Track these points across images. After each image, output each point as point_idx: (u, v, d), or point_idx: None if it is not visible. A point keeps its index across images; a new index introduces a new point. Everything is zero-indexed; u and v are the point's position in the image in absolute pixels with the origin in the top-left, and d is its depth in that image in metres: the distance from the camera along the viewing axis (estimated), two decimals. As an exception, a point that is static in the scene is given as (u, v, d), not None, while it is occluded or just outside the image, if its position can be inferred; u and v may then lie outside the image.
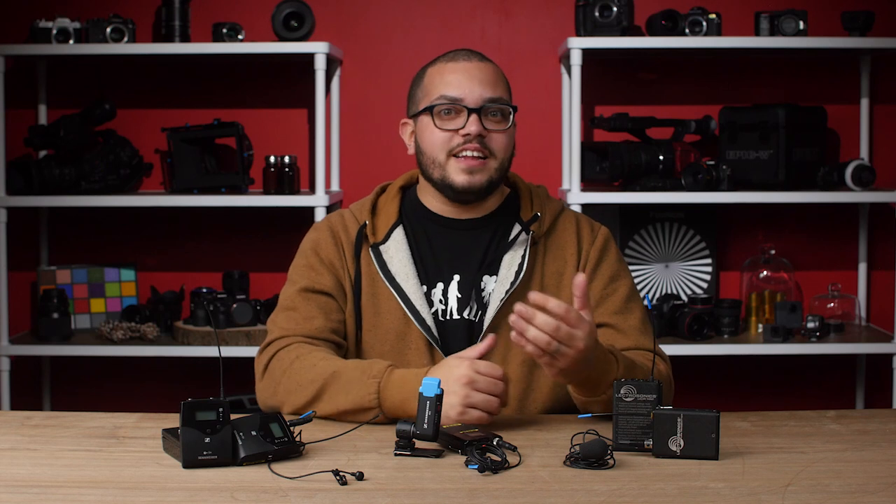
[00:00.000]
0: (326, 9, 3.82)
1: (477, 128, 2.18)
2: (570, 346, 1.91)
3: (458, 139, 2.19)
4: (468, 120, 2.18)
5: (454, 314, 2.23)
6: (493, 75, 2.23)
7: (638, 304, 2.26)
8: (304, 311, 2.21)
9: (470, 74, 2.21)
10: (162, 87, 3.88)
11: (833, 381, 3.89)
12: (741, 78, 3.86)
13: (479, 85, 2.20)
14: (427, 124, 2.22)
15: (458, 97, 2.19)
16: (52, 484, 1.73)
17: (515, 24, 3.86)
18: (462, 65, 2.22)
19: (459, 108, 2.19)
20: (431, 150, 2.21)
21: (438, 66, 2.25)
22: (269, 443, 1.81)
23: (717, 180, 3.54)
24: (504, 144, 2.22)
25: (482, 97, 2.20)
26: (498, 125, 2.21)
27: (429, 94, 2.23)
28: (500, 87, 2.23)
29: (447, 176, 2.21)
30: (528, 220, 2.25)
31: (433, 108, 2.20)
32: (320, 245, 2.27)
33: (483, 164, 2.20)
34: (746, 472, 1.77)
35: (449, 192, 2.23)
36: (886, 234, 3.81)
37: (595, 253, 2.27)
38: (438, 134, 2.20)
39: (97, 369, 3.86)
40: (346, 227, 2.28)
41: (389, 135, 3.77)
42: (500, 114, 2.22)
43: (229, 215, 3.83)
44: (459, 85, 2.20)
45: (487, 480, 1.74)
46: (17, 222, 3.70)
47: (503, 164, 2.23)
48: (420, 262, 2.25)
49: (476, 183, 2.20)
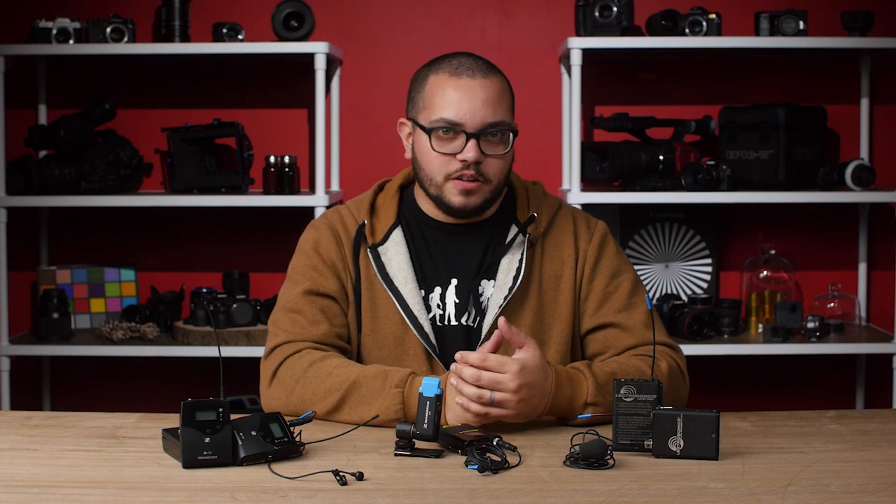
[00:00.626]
0: (326, 9, 3.82)
1: (474, 154, 2.13)
2: (502, 391, 1.95)
3: (455, 164, 2.15)
4: (466, 145, 2.14)
5: (452, 320, 2.22)
6: (497, 93, 2.16)
7: (642, 298, 2.24)
8: (310, 315, 2.19)
9: (472, 95, 2.14)
10: (162, 87, 3.87)
11: (833, 381, 3.89)
12: (741, 78, 3.86)
13: (481, 107, 2.14)
14: (425, 141, 2.17)
15: (458, 122, 2.14)
16: (52, 484, 1.73)
17: (515, 24, 3.86)
18: (465, 82, 2.15)
19: (458, 132, 2.15)
20: (429, 169, 2.18)
21: (441, 76, 2.17)
22: (269, 443, 1.81)
23: (717, 180, 3.54)
24: (500, 168, 2.18)
25: (483, 122, 2.14)
26: (496, 149, 2.16)
27: (428, 107, 2.17)
28: (501, 107, 2.16)
29: (444, 196, 2.18)
30: (524, 222, 2.24)
31: (431, 130, 2.16)
32: (321, 245, 2.24)
33: (478, 186, 2.17)
34: (746, 472, 1.77)
35: (444, 208, 2.21)
36: (886, 234, 3.81)
37: (593, 251, 2.25)
38: (435, 156, 2.16)
39: (97, 369, 3.85)
40: (346, 225, 2.26)
41: (389, 135, 3.76)
42: (500, 136, 2.17)
43: (229, 215, 3.83)
44: (460, 106, 2.14)
45: (487, 480, 1.74)
46: (17, 222, 3.70)
47: (499, 185, 2.20)
48: (418, 265, 2.23)
49: (471, 204, 2.18)
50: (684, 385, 2.20)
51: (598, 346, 2.23)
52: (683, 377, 2.20)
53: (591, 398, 2.03)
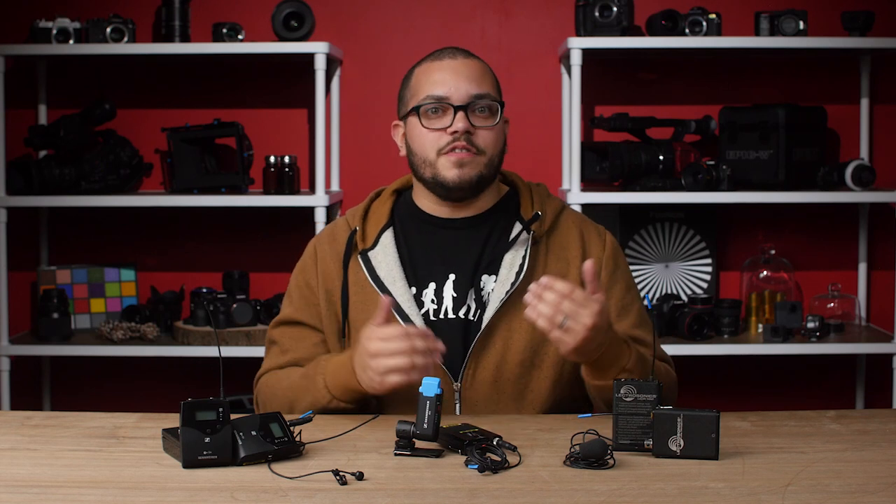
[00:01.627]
0: (326, 9, 3.82)
1: (464, 124, 2.18)
2: (576, 322, 1.98)
3: (446, 138, 2.20)
4: (455, 118, 2.19)
5: (449, 314, 2.23)
6: (479, 71, 2.24)
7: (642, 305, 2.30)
8: (283, 345, 2.30)
9: (455, 72, 2.21)
10: (162, 87, 3.88)
11: (833, 381, 3.89)
12: (741, 78, 3.86)
13: (465, 81, 2.20)
14: (415, 125, 2.23)
15: (444, 95, 2.20)
16: (52, 484, 1.73)
17: (515, 24, 3.86)
18: (447, 63, 2.23)
19: (446, 107, 2.20)
20: (421, 150, 2.22)
21: (424, 66, 2.26)
22: (269, 443, 1.81)
23: (717, 180, 3.54)
24: (492, 140, 2.22)
25: (468, 94, 2.20)
26: (485, 121, 2.21)
27: (416, 94, 2.24)
28: (486, 82, 2.23)
29: (438, 173, 2.21)
30: (529, 219, 2.26)
31: (420, 108, 2.22)
32: (307, 268, 2.31)
33: (471, 157, 2.20)
34: (746, 472, 1.77)
35: (441, 191, 2.23)
36: (886, 234, 3.81)
37: (609, 262, 2.28)
38: (427, 133, 2.21)
39: (97, 369, 3.85)
40: (336, 236, 2.31)
41: (389, 135, 3.74)
42: (488, 110, 2.22)
43: (229, 215, 3.83)
44: (444, 83, 2.21)
45: (487, 480, 1.74)
46: (17, 222, 3.70)
47: (493, 159, 2.23)
48: (409, 263, 2.26)
49: (466, 177, 2.20)
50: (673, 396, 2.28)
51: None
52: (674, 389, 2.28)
53: (631, 365, 2.10)
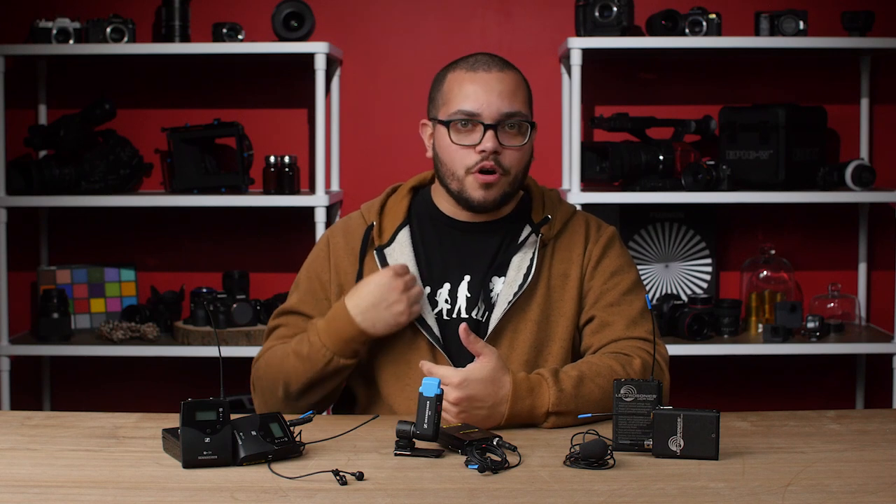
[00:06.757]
0: (326, 9, 3.82)
1: (492, 144, 2.18)
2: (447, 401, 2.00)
3: (474, 156, 2.19)
4: (484, 136, 2.18)
5: (462, 313, 2.24)
6: (513, 86, 2.22)
7: (639, 298, 2.26)
8: (281, 332, 2.30)
9: (489, 87, 2.19)
10: (162, 87, 3.88)
11: (833, 381, 3.89)
12: (741, 78, 3.86)
13: (498, 98, 2.19)
14: (444, 135, 2.22)
15: (475, 112, 2.19)
16: (52, 484, 1.73)
17: (515, 24, 3.86)
18: (481, 76, 2.20)
19: (476, 123, 2.19)
20: (450, 163, 2.22)
21: (459, 73, 2.23)
22: (269, 443, 1.81)
23: (717, 180, 3.54)
24: (518, 159, 2.22)
25: (499, 111, 2.19)
26: (513, 140, 2.21)
27: (447, 103, 2.22)
28: (518, 99, 2.22)
29: (464, 190, 2.22)
30: (538, 223, 2.27)
31: (450, 122, 2.20)
32: (318, 260, 2.32)
33: (497, 179, 2.20)
34: (746, 472, 1.78)
35: (464, 204, 2.25)
36: (886, 234, 3.81)
37: (598, 250, 2.28)
38: (455, 149, 2.21)
39: (97, 369, 3.86)
40: (352, 230, 2.31)
41: (389, 135, 3.77)
42: (517, 127, 2.21)
43: (229, 215, 3.83)
44: (476, 98, 2.19)
45: (487, 480, 1.74)
46: (17, 222, 3.70)
47: (517, 178, 2.24)
48: (425, 262, 2.27)
49: (491, 198, 2.22)
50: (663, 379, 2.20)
51: (586, 342, 2.25)
52: (663, 373, 2.19)
53: (553, 407, 2.04)
